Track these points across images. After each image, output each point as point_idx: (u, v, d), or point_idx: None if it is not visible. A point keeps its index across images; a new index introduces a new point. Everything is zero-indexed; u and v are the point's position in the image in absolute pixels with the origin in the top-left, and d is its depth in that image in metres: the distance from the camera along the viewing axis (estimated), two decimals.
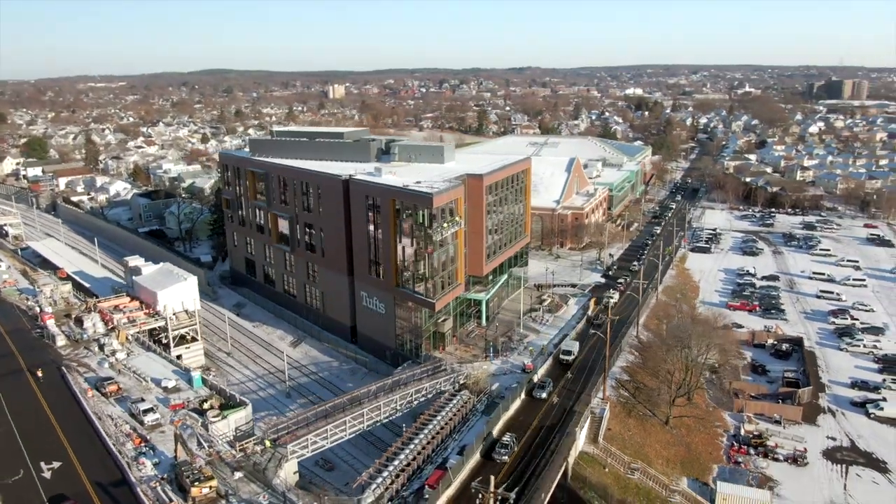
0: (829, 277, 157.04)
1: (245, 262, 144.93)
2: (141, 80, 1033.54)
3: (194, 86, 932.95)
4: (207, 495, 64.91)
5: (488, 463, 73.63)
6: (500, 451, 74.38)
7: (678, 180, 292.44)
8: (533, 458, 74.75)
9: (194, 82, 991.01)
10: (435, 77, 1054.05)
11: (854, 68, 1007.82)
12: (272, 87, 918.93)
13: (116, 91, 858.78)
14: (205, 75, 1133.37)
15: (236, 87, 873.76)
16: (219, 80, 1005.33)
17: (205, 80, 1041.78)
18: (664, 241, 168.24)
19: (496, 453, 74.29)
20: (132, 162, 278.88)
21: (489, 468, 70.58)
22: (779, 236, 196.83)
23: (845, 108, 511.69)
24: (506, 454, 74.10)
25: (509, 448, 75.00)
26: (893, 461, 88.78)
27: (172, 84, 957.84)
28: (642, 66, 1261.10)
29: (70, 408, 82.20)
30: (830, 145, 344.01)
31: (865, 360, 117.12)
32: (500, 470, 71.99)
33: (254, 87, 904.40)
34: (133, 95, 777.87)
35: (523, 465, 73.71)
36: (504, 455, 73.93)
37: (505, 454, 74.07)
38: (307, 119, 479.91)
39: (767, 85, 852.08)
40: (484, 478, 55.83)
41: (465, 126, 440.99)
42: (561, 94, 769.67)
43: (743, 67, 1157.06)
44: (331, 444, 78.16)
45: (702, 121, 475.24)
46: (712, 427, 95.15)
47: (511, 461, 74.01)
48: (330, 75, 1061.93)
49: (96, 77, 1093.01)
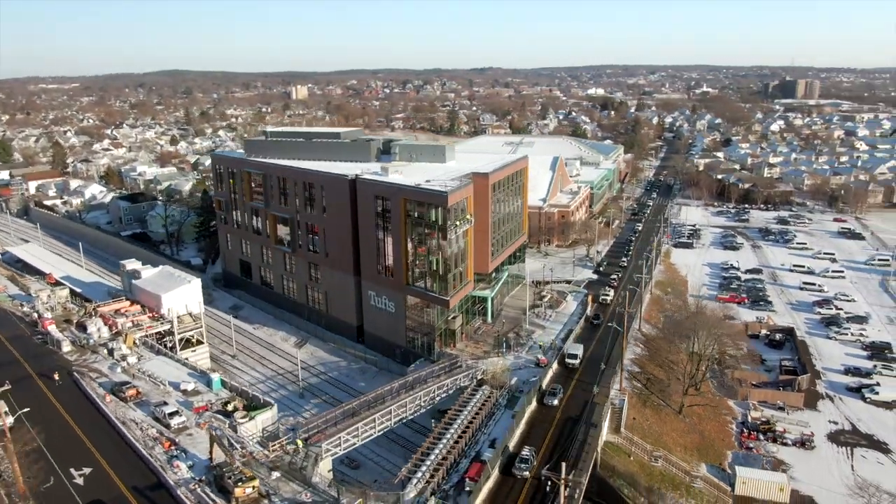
0: (808, 270, 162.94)
1: (239, 264, 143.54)
2: (95, 82, 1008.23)
3: (151, 87, 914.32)
4: (250, 496, 64.80)
5: (508, 479, 70.76)
6: (520, 467, 71.28)
7: (651, 178, 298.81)
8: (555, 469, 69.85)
9: (151, 83, 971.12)
10: (397, 78, 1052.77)
11: (804, 68, 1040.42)
12: (233, 88, 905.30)
13: (70, 93, 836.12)
14: (162, 76, 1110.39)
15: (195, 89, 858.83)
16: (177, 82, 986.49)
17: (162, 81, 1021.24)
18: (648, 237, 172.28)
19: (516, 468, 71.27)
20: (103, 165, 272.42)
21: (510, 484, 69.36)
22: (755, 231, 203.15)
23: (802, 108, 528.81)
24: (526, 469, 71.07)
25: (529, 462, 71.96)
26: (894, 442, 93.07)
27: (129, 85, 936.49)
28: (601, 66, 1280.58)
29: (90, 413, 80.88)
30: (792, 143, 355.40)
31: (854, 347, 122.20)
32: (521, 487, 69.51)
33: (214, 89, 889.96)
34: (88, 97, 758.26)
35: None
36: (525, 470, 70.94)
37: (525, 469, 71.05)
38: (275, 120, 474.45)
39: (723, 85, 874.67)
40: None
41: (437, 126, 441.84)
42: (525, 94, 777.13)
43: (699, 68, 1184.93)
44: (361, 441, 78.48)
45: (667, 120, 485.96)
46: (721, 415, 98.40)
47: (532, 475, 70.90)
48: (291, 76, 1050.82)
49: (47, 78, 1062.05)
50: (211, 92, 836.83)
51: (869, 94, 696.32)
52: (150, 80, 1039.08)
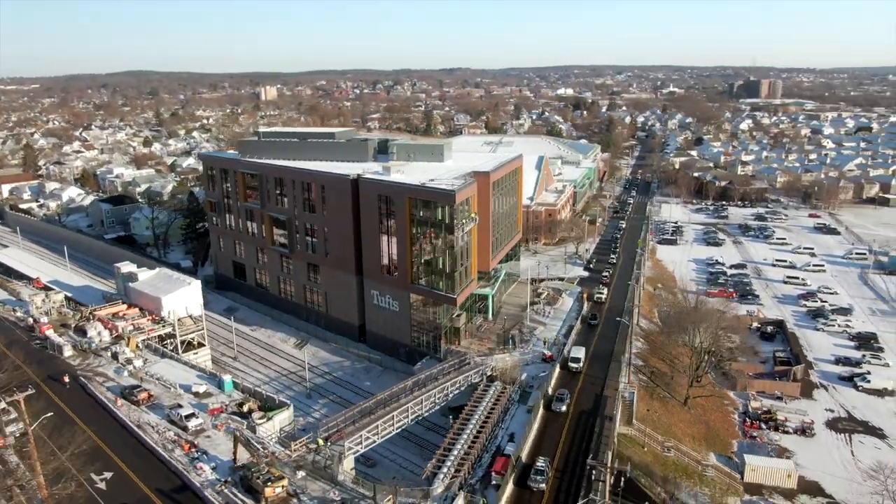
0: (790, 264, 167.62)
1: (233, 265, 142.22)
2: (56, 83, 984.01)
3: (115, 88, 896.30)
4: (279, 495, 64.80)
5: (524, 491, 69.15)
6: (535, 479, 69.42)
7: (629, 177, 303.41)
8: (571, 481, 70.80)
9: (115, 84, 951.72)
10: (367, 78, 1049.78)
11: (766, 68, 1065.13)
12: (200, 89, 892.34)
13: (31, 94, 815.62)
14: (125, 77, 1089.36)
15: (161, 89, 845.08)
16: (141, 82, 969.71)
17: (126, 81, 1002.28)
18: (632, 234, 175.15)
19: (531, 480, 69.37)
20: (77, 167, 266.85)
21: (526, 498, 68.28)
22: (735, 227, 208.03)
23: (768, 107, 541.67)
24: (542, 481, 69.29)
25: (544, 474, 70.28)
26: (889, 428, 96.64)
27: (91, 86, 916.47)
28: (569, 66, 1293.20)
29: (103, 417, 79.79)
30: (762, 141, 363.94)
31: (841, 338, 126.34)
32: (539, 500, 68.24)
33: (180, 89, 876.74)
34: (50, 98, 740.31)
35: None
36: (541, 482, 69.16)
37: (542, 481, 69.26)
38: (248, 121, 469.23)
39: (689, 85, 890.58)
40: None
41: (412, 126, 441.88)
42: (495, 94, 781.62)
43: (664, 68, 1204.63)
44: (382, 438, 78.87)
45: (639, 119, 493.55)
46: (723, 406, 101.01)
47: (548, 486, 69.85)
48: (259, 76, 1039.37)
49: (5, 79, 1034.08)
50: (177, 93, 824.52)
51: (829, 94, 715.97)
52: (113, 80, 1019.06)
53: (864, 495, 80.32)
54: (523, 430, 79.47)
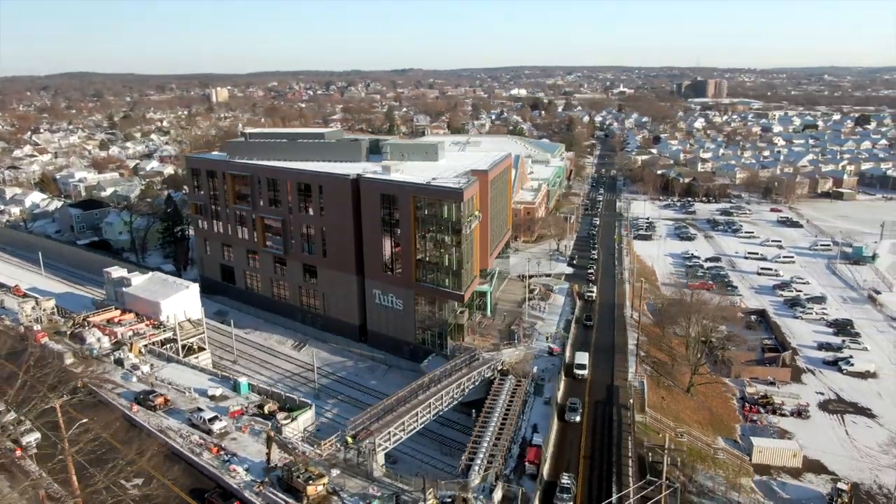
0: (762, 256, 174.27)
1: (220, 269, 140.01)
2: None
3: (56, 90, 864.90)
4: (321, 493, 65.00)
5: None
6: (561, 497, 67.55)
7: (594, 175, 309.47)
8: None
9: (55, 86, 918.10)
10: (319, 79, 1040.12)
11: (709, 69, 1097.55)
12: (147, 90, 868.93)
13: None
14: (65, 78, 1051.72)
15: (105, 91, 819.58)
16: (84, 84, 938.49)
17: (67, 83, 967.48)
18: (607, 230, 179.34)
19: (557, 499, 67.42)
20: (34, 172, 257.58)
21: None
22: (704, 222, 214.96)
23: (717, 106, 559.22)
24: (569, 499, 67.34)
25: (570, 491, 68.27)
26: (877, 408, 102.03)
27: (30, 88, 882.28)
28: (519, 67, 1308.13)
29: (121, 423, 77.99)
30: (717, 139, 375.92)
31: (819, 325, 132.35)
32: None
33: (125, 91, 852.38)
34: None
35: None
36: (568, 500, 67.18)
37: (568, 499, 67.32)
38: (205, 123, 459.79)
39: (637, 85, 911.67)
40: None
41: (375, 127, 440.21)
42: (449, 94, 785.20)
43: (613, 69, 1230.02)
44: (407, 434, 79.47)
45: (597, 119, 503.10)
46: (722, 392, 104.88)
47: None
48: (207, 78, 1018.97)
49: None
50: (123, 95, 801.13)
51: (772, 94, 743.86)
52: (52, 82, 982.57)
53: (865, 471, 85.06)
54: (545, 420, 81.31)
